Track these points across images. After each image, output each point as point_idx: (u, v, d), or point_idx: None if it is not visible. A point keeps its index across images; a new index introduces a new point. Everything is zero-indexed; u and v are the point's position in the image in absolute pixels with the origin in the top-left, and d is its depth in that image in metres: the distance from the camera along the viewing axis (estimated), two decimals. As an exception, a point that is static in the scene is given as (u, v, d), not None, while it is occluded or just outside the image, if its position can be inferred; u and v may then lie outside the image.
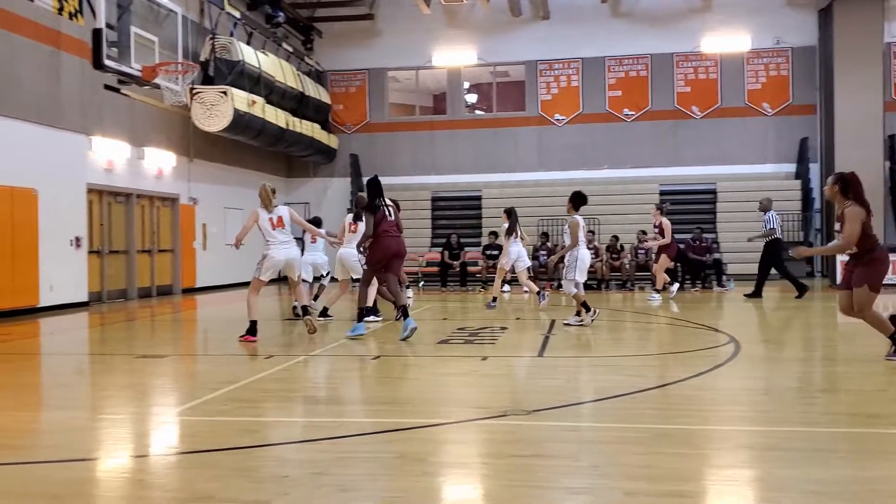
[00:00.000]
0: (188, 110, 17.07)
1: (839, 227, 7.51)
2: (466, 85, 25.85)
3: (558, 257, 11.14)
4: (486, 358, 8.08)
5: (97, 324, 12.67)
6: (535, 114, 23.70)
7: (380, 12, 24.08)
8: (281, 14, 21.36)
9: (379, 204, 9.65)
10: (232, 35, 18.81)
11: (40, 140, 13.87)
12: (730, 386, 6.62)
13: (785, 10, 22.49)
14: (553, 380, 7.02)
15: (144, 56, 14.04)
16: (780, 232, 15.76)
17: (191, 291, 18.80)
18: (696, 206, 22.01)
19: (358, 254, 10.85)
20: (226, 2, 18.43)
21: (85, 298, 15.10)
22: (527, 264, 14.18)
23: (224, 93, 16.99)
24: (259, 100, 18.49)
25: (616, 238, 19.48)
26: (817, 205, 21.45)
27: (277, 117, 19.71)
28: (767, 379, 6.99)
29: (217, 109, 16.89)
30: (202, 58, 17.76)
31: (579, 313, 10.58)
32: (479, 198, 23.22)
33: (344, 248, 11.37)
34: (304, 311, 9.88)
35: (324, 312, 11.56)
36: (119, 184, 16.53)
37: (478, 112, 26.95)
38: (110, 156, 16.07)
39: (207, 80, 17.47)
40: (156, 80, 14.24)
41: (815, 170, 21.93)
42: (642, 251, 18.48)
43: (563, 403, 5.85)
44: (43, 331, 11.85)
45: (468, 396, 6.34)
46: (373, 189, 9.76)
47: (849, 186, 7.38)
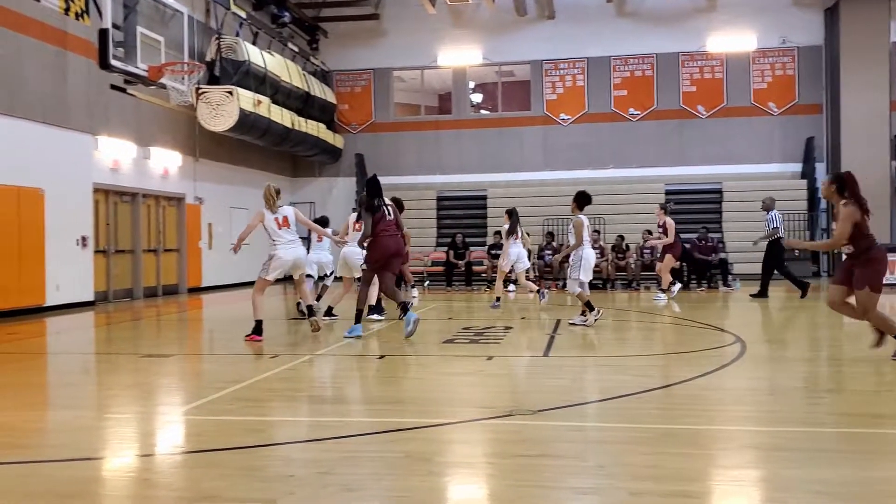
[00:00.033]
0: (194, 110, 17.10)
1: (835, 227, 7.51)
2: (472, 85, 25.84)
3: (563, 256, 11.13)
4: (492, 357, 8.08)
5: (103, 323, 12.70)
6: (541, 113, 23.68)
7: (385, 12, 24.10)
8: (286, 14, 21.39)
9: (378, 204, 9.66)
10: (238, 35, 18.83)
11: (47, 140, 13.91)
12: (735, 386, 6.60)
13: (791, 10, 22.43)
14: (558, 379, 7.01)
15: (150, 56, 14.07)
16: (784, 231, 15.73)
17: (196, 291, 18.84)
18: (702, 206, 21.99)
19: (361, 250, 10.87)
20: (231, 2, 18.47)
21: (91, 298, 15.14)
22: (526, 265, 14.17)
23: (230, 93, 17.02)
24: (265, 99, 18.52)
25: (621, 238, 19.46)
26: (823, 204, 21.38)
27: (283, 117, 19.73)
28: (773, 379, 6.98)
29: (223, 109, 16.93)
30: (208, 58, 17.78)
31: (584, 313, 10.57)
32: (485, 197, 23.22)
33: (348, 247, 11.38)
34: (310, 311, 9.90)
35: (329, 312, 11.57)
36: (125, 183, 16.57)
37: (483, 112, 26.93)
38: (116, 155, 16.11)
39: (213, 80, 17.48)
40: (162, 80, 14.27)
41: (822, 169, 21.86)
42: (647, 251, 18.45)
43: (569, 403, 5.84)
44: (49, 330, 11.88)
45: (473, 396, 6.34)
46: (372, 189, 9.78)
47: (845, 186, 7.37)
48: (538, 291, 13.74)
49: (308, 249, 11.42)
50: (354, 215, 11.66)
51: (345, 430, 4.99)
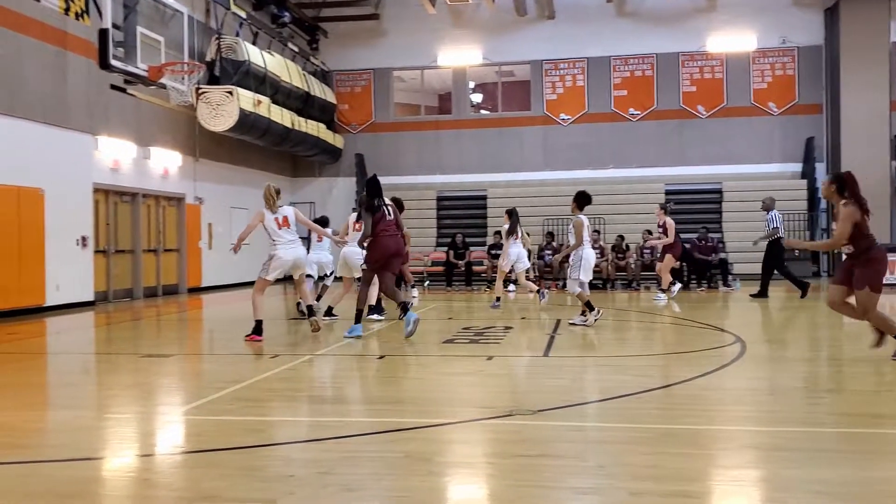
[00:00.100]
0: (194, 110, 17.10)
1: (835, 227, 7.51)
2: (472, 85, 25.84)
3: (563, 256, 11.14)
4: (492, 357, 8.08)
5: (103, 323, 12.70)
6: (541, 113, 23.68)
7: (385, 12, 24.10)
8: (286, 14, 21.39)
9: (378, 204, 9.66)
10: (238, 35, 18.84)
11: (47, 140, 13.91)
12: (736, 386, 6.60)
13: (791, 10, 22.43)
14: (558, 380, 7.01)
15: (150, 56, 14.07)
16: (784, 231, 15.74)
17: (196, 291, 18.84)
18: (702, 206, 22.00)
19: (361, 250, 10.88)
20: (231, 2, 18.47)
21: (91, 298, 15.14)
22: (526, 266, 14.17)
23: (230, 93, 17.02)
24: (265, 99, 18.52)
25: (622, 238, 19.47)
26: (823, 204, 21.37)
27: (283, 117, 19.74)
28: (773, 379, 6.98)
29: (223, 109, 16.93)
30: (208, 58, 17.78)
31: (584, 313, 10.57)
32: (485, 197, 23.22)
33: (348, 247, 11.39)
34: (310, 311, 9.90)
35: (329, 312, 11.57)
36: (125, 183, 16.57)
37: (483, 112, 26.93)
38: (116, 155, 16.11)
39: (213, 80, 17.49)
40: (162, 80, 14.27)
41: (822, 169, 21.86)
42: (648, 251, 18.46)
43: (569, 403, 5.84)
44: (49, 330, 11.88)
45: (473, 396, 6.34)
46: (371, 189, 9.79)
47: (845, 186, 7.37)
48: (538, 291, 13.78)
49: (308, 249, 11.43)
50: (354, 215, 11.67)
51: (345, 430, 4.99)
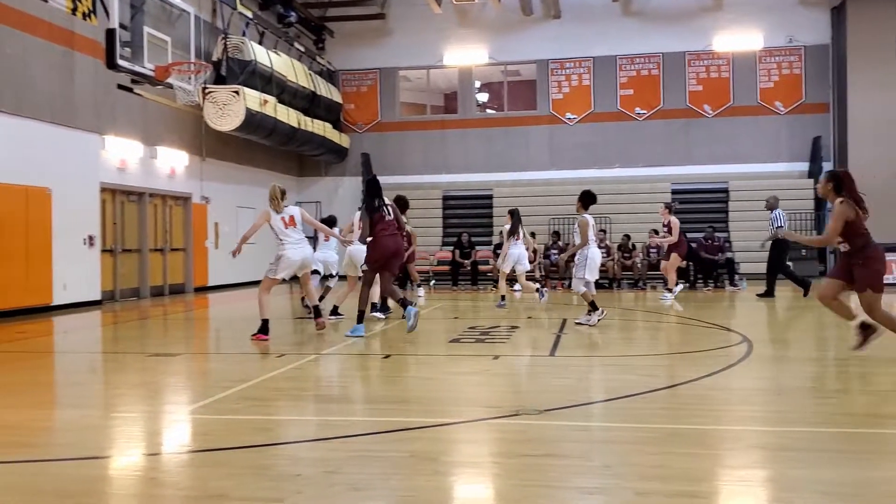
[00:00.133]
0: (200, 110, 17.14)
1: None
2: (478, 84, 25.84)
3: (568, 255, 11.13)
4: (498, 357, 8.08)
5: (110, 322, 12.74)
6: (547, 113, 23.66)
7: (391, 12, 24.10)
8: (293, 14, 21.41)
9: (377, 204, 9.67)
10: (244, 35, 18.86)
11: (54, 139, 13.95)
12: (742, 386, 6.58)
13: (797, 9, 22.36)
14: (565, 379, 7.01)
15: (157, 56, 14.11)
16: (788, 229, 15.71)
17: (203, 290, 18.88)
18: (709, 205, 21.94)
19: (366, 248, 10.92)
20: (238, 2, 18.49)
21: (98, 297, 15.19)
22: (526, 267, 14.11)
23: (236, 92, 17.04)
24: (271, 99, 18.54)
25: (628, 237, 19.44)
26: (830, 204, 21.27)
27: (289, 117, 19.76)
28: (780, 379, 6.96)
29: (229, 109, 16.95)
30: (214, 57, 17.82)
31: (590, 312, 10.56)
32: (491, 197, 23.21)
33: (354, 246, 11.41)
34: (315, 312, 9.90)
35: (334, 311, 11.59)
36: (132, 183, 16.61)
37: (489, 111, 26.93)
38: (123, 155, 16.15)
39: (220, 80, 17.53)
40: (168, 80, 14.31)
41: (829, 168, 21.77)
42: (654, 250, 18.43)
43: (575, 403, 5.84)
44: (56, 329, 11.92)
45: (479, 395, 6.34)
46: (371, 189, 9.81)
47: (842, 184, 7.36)
48: (537, 290, 13.75)
49: (314, 248, 11.46)
50: (358, 214, 11.69)
51: (351, 430, 4.99)
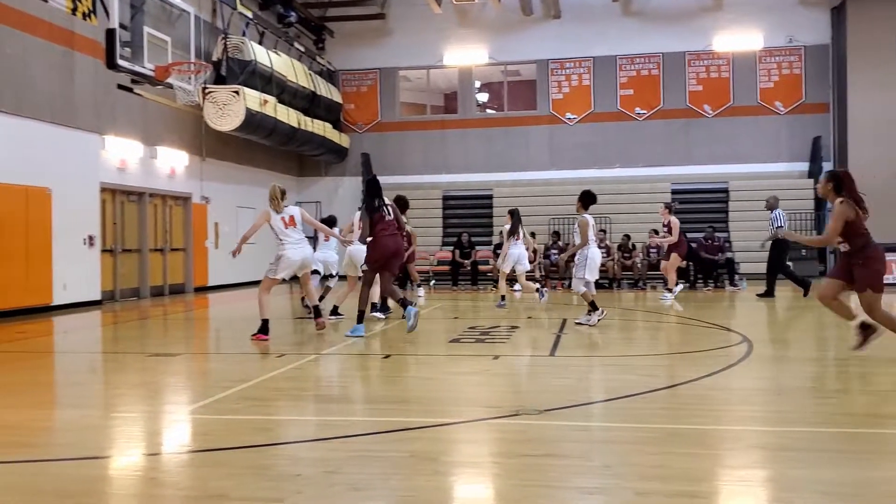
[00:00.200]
0: (200, 110, 17.14)
1: None
2: (478, 84, 25.84)
3: (568, 256, 11.14)
4: (498, 357, 8.08)
5: (110, 322, 12.74)
6: (547, 113, 23.66)
7: (391, 12, 24.10)
8: (293, 14, 21.41)
9: (377, 205, 9.68)
10: (244, 35, 18.86)
11: (54, 139, 13.95)
12: (742, 386, 6.58)
13: (797, 9, 22.36)
14: (565, 379, 7.00)
15: (157, 56, 14.10)
16: (788, 230, 15.72)
17: (203, 290, 18.88)
18: (709, 206, 21.94)
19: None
20: (238, 2, 18.49)
21: (98, 297, 15.18)
22: (526, 268, 14.10)
23: (236, 92, 17.05)
24: (271, 99, 18.54)
25: (628, 237, 19.44)
26: (829, 204, 21.27)
27: (289, 117, 19.76)
28: (780, 379, 6.96)
29: (229, 109, 16.96)
30: (214, 57, 17.83)
31: (590, 312, 10.56)
32: (491, 197, 23.21)
33: (354, 245, 11.41)
34: (315, 312, 9.90)
35: (334, 311, 11.59)
36: (132, 183, 16.61)
37: (489, 111, 26.93)
38: (123, 155, 16.15)
39: (220, 80, 17.53)
40: (168, 80, 14.31)
41: (829, 168, 21.78)
42: (654, 250, 18.43)
43: (575, 403, 5.84)
44: (56, 329, 11.91)
45: (479, 395, 6.34)
46: (371, 189, 9.82)
47: (842, 184, 7.36)
48: (537, 290, 13.76)
49: (315, 248, 11.46)
50: (358, 214, 11.70)
51: (351, 430, 4.99)
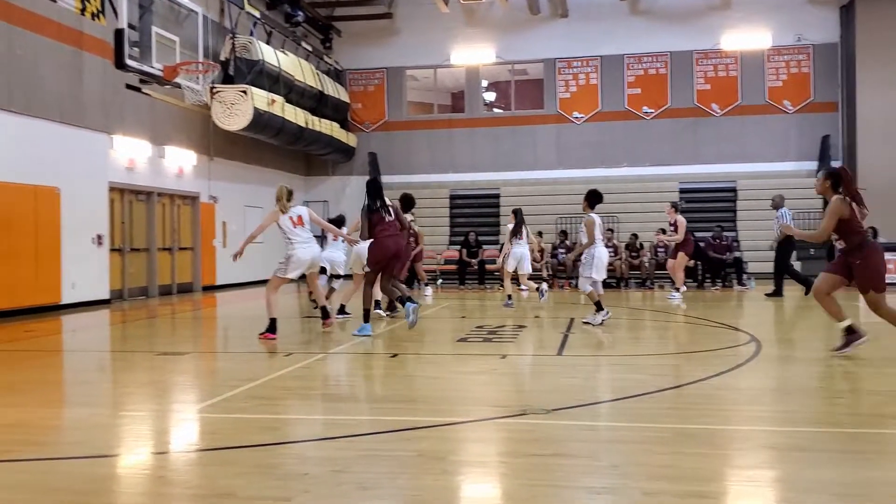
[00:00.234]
0: (208, 109, 17.17)
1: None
2: (485, 83, 25.82)
3: (575, 255, 11.11)
4: (505, 356, 8.08)
5: (118, 321, 12.78)
6: (554, 112, 23.64)
7: (398, 11, 24.11)
8: (300, 13, 21.45)
9: (376, 206, 9.69)
10: (252, 34, 18.89)
11: (63, 139, 14.00)
12: (751, 385, 6.56)
13: (806, 7, 22.28)
14: (572, 379, 6.99)
15: (165, 56, 14.14)
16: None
17: (211, 289, 18.92)
18: (717, 205, 21.89)
19: None
20: (245, 1, 18.53)
21: (106, 296, 15.24)
22: (528, 270, 14.02)
23: (244, 92, 17.08)
24: (278, 99, 18.57)
25: (635, 236, 19.41)
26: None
27: (297, 116, 19.78)
28: (789, 378, 6.94)
29: (237, 108, 16.99)
30: (222, 57, 17.86)
31: (597, 312, 10.54)
32: (498, 196, 23.20)
33: (362, 244, 11.41)
34: (323, 312, 9.93)
35: (341, 310, 11.61)
36: (140, 182, 16.66)
37: (496, 110, 26.92)
38: (132, 154, 16.20)
39: (227, 80, 17.57)
40: (177, 80, 14.35)
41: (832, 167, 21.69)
42: (661, 249, 18.39)
43: (583, 402, 5.83)
44: (65, 328, 11.96)
45: (487, 395, 6.34)
46: (371, 190, 9.84)
47: (840, 182, 7.33)
48: (537, 289, 13.75)
49: (322, 247, 11.47)
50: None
51: (359, 429, 5.00)
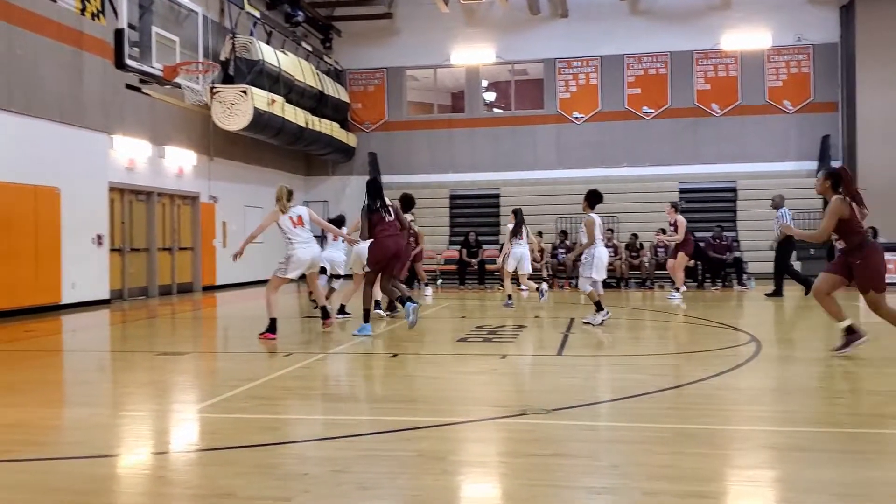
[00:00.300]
0: (208, 109, 17.17)
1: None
2: (485, 83, 25.83)
3: (576, 255, 11.12)
4: (505, 356, 8.08)
5: (118, 321, 12.78)
6: (554, 112, 23.64)
7: (398, 11, 24.11)
8: (300, 13, 21.45)
9: (376, 206, 9.69)
10: (252, 34, 18.90)
11: (63, 139, 14.00)
12: (751, 385, 6.56)
13: (806, 7, 22.28)
14: (572, 378, 6.99)
15: (165, 56, 14.14)
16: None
17: (211, 289, 18.92)
18: (717, 205, 21.88)
19: None
20: (245, 1, 18.53)
21: (106, 296, 15.24)
22: (528, 270, 14.03)
23: (244, 92, 17.08)
24: (278, 99, 18.57)
25: (635, 236, 19.41)
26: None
27: (297, 116, 19.79)
28: (789, 378, 6.94)
29: (237, 108, 16.99)
30: (222, 57, 17.86)
31: (597, 312, 10.54)
32: (498, 196, 23.20)
33: (362, 244, 11.41)
34: (324, 313, 9.93)
35: (341, 310, 11.61)
36: (140, 182, 16.66)
37: (496, 110, 26.92)
38: (132, 154, 16.20)
39: (227, 80, 17.57)
40: (177, 80, 14.35)
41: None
42: (662, 249, 18.40)
43: (583, 402, 5.83)
44: (65, 328, 11.96)
45: (487, 395, 6.34)
46: (371, 191, 9.85)
47: (840, 182, 7.33)
48: (538, 288, 13.76)
49: (322, 247, 11.48)
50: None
51: (359, 429, 5.00)
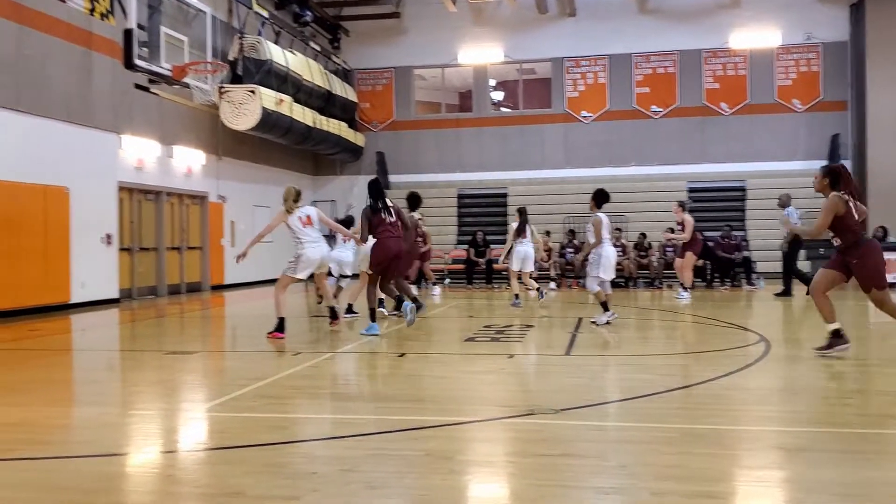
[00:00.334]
0: (217, 109, 17.22)
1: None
2: (493, 82, 25.80)
3: (584, 255, 11.10)
4: (513, 356, 8.07)
5: (127, 320, 12.82)
6: (562, 111, 23.60)
7: (406, 11, 24.12)
8: (308, 13, 21.48)
9: (377, 207, 9.69)
10: (260, 34, 18.93)
11: (72, 139, 14.06)
12: (760, 386, 6.54)
13: (815, 6, 22.18)
14: (580, 378, 6.99)
15: (174, 56, 14.19)
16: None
17: (219, 288, 18.97)
18: (726, 204, 21.80)
19: None
20: (254, 1, 18.57)
21: (115, 295, 15.29)
22: (531, 269, 14.00)
23: (252, 92, 17.12)
24: (287, 98, 18.60)
25: (643, 235, 19.36)
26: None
27: (305, 116, 19.81)
28: (798, 378, 6.91)
29: (245, 108, 17.03)
30: (230, 57, 17.90)
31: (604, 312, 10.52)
32: (505, 195, 23.17)
33: (370, 243, 11.43)
34: (332, 313, 9.95)
35: (349, 309, 11.61)
36: (149, 182, 16.71)
37: (504, 109, 26.90)
38: (140, 154, 16.25)
39: (236, 79, 17.60)
40: (185, 80, 14.40)
41: (847, 166, 21.54)
42: (670, 249, 18.35)
43: (591, 402, 5.82)
44: (74, 327, 12.01)
45: (495, 395, 6.34)
46: (372, 191, 9.85)
47: (838, 179, 7.30)
48: (538, 288, 13.74)
49: (331, 247, 11.50)
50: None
51: (366, 428, 5.01)
